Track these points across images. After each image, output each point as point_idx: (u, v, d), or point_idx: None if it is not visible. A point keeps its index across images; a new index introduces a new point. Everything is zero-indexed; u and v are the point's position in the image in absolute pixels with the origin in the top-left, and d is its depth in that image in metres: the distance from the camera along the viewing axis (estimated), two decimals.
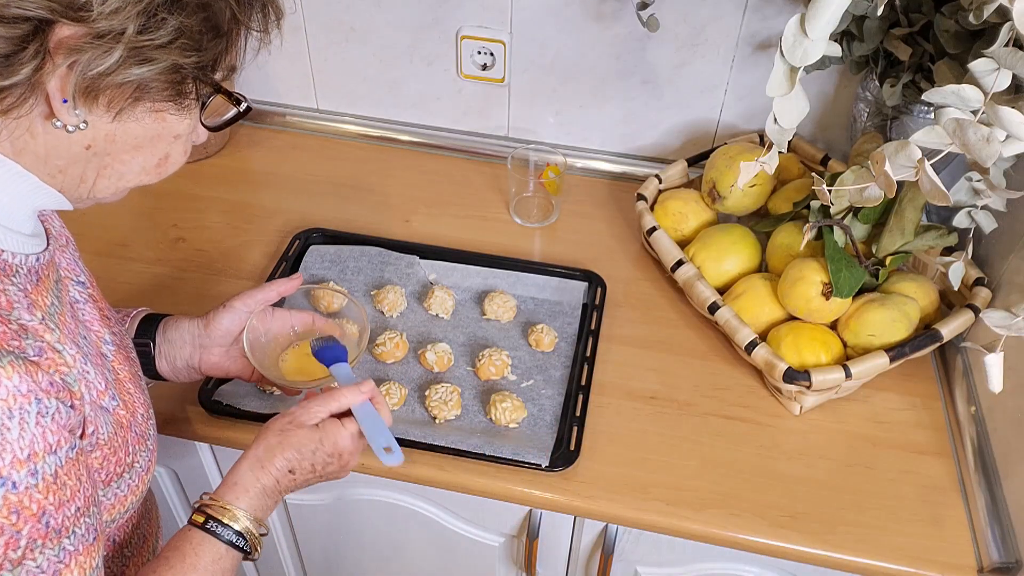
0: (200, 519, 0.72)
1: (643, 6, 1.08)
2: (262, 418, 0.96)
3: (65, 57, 0.53)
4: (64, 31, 0.53)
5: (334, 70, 1.36)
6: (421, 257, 1.16)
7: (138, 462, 0.69)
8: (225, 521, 0.72)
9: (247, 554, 0.73)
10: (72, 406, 0.58)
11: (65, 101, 0.55)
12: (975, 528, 0.90)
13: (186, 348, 0.88)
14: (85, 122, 0.57)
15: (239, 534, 0.72)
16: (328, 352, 0.87)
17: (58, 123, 0.57)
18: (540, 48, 1.26)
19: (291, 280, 0.92)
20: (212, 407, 0.97)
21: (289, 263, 1.15)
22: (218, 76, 0.62)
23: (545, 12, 1.22)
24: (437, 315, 1.11)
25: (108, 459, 0.65)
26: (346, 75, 1.37)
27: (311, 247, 1.17)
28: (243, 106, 0.66)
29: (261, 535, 0.74)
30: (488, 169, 1.37)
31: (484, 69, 1.29)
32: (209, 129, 0.66)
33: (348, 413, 0.79)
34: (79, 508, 0.58)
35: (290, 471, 0.75)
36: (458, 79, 1.32)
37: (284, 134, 1.43)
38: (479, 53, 1.28)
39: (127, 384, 0.71)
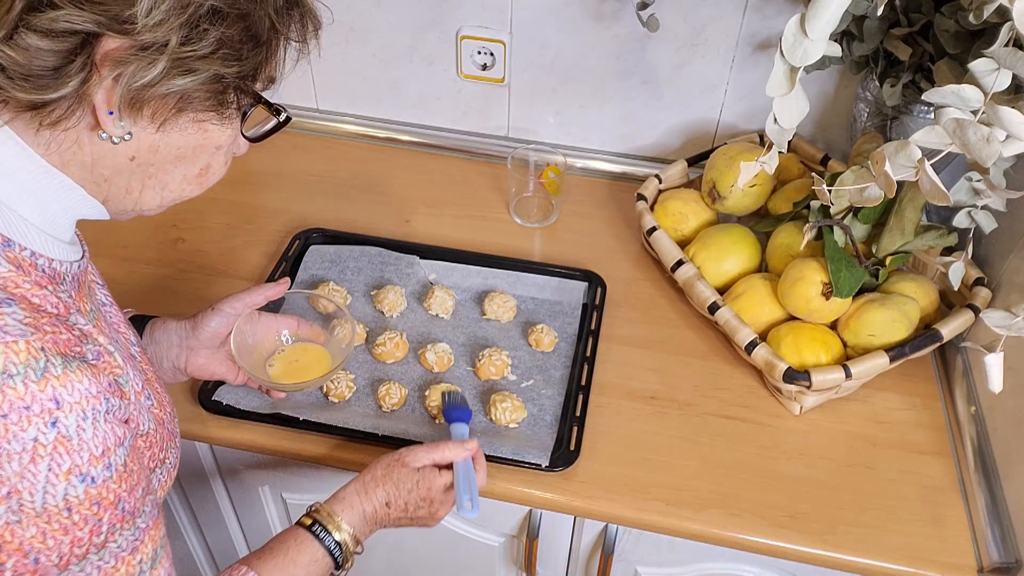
0: (308, 521, 0.79)
1: (643, 6, 1.08)
2: (262, 418, 0.96)
3: (111, 69, 0.54)
4: (110, 44, 0.54)
5: (334, 70, 1.36)
6: (421, 257, 1.16)
7: (169, 458, 0.71)
8: (329, 528, 0.79)
9: (338, 565, 0.79)
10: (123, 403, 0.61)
11: (111, 113, 0.56)
12: (975, 528, 0.90)
13: (172, 349, 0.89)
14: (130, 133, 0.59)
15: (337, 544, 0.79)
16: (455, 412, 0.94)
17: (104, 134, 0.58)
18: (540, 48, 1.26)
19: (279, 284, 0.94)
20: (212, 407, 0.97)
21: (289, 263, 1.15)
22: (258, 87, 0.64)
23: (545, 12, 1.22)
24: (437, 315, 1.11)
25: (144, 452, 0.67)
26: (346, 75, 1.37)
27: (311, 247, 1.17)
28: (283, 116, 0.67)
29: (356, 553, 0.81)
30: (488, 169, 1.37)
31: (484, 69, 1.29)
32: (250, 140, 0.68)
33: (450, 467, 0.85)
34: (143, 489, 0.62)
35: (386, 503, 0.82)
36: (458, 79, 1.32)
37: (284, 134, 1.41)
38: (479, 53, 1.28)
39: (155, 384, 0.73)
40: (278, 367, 0.95)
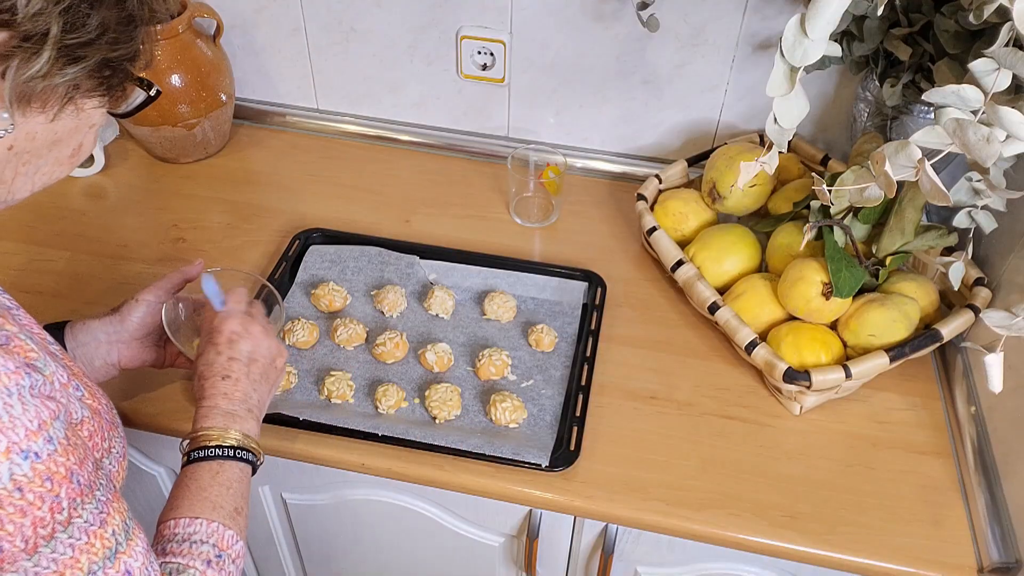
0: (185, 459, 0.76)
1: (643, 6, 1.08)
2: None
3: None
4: None
5: (334, 70, 1.36)
6: (421, 257, 1.16)
7: (115, 447, 0.70)
8: (207, 443, 0.75)
9: (249, 461, 0.77)
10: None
11: None
12: (975, 528, 0.90)
13: (102, 347, 0.89)
14: (12, 125, 0.58)
15: (225, 447, 0.76)
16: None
17: None
18: (540, 48, 1.26)
19: (193, 266, 0.94)
20: None
21: (289, 263, 1.15)
22: (139, 66, 0.64)
23: (545, 12, 1.22)
24: (437, 315, 1.11)
25: (93, 436, 0.66)
26: (346, 75, 1.37)
27: (311, 247, 1.17)
28: (154, 90, 0.67)
29: (254, 446, 0.78)
30: (488, 169, 1.37)
31: (484, 69, 1.29)
32: (120, 116, 0.67)
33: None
34: (94, 461, 0.61)
35: (223, 378, 0.79)
36: (458, 79, 1.32)
37: (284, 134, 1.43)
38: (479, 53, 1.28)
39: (82, 377, 0.71)
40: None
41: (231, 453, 0.76)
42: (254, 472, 0.79)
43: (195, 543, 0.69)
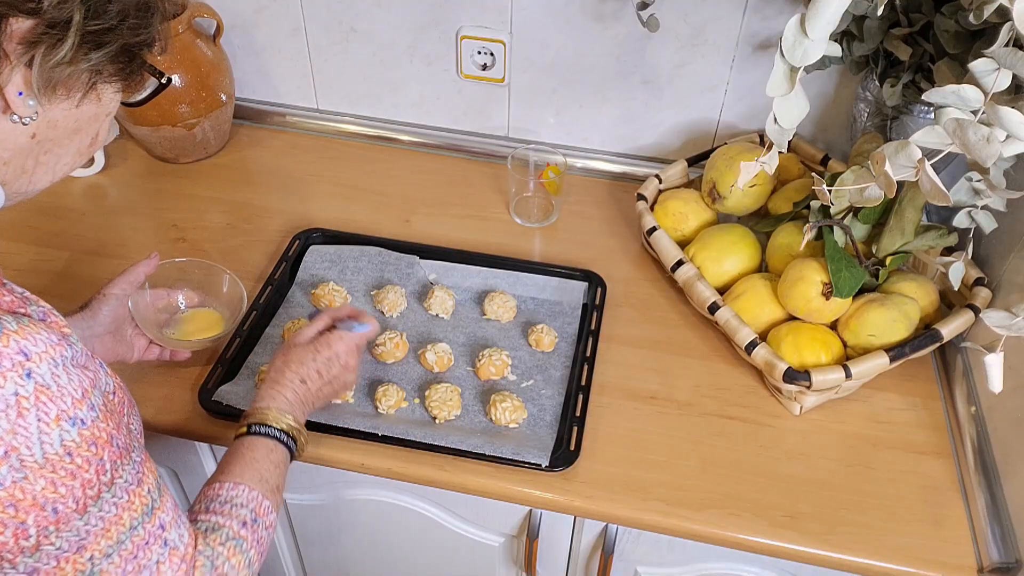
0: (244, 429, 0.82)
1: (643, 6, 1.08)
2: None
3: (24, 51, 0.56)
4: (17, 25, 0.55)
5: (334, 70, 1.36)
6: (421, 257, 1.16)
7: (133, 424, 0.72)
8: (267, 423, 0.83)
9: (292, 451, 0.84)
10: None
11: (20, 94, 0.57)
12: (975, 528, 0.90)
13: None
14: (36, 112, 0.59)
15: (282, 431, 0.83)
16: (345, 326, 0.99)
17: (14, 117, 0.58)
18: (540, 48, 1.26)
19: (150, 259, 0.98)
20: (212, 407, 0.97)
21: (289, 263, 1.15)
22: (156, 51, 0.66)
23: (545, 12, 1.22)
24: (437, 315, 1.11)
25: (120, 405, 0.68)
26: (346, 75, 1.37)
27: (311, 247, 1.17)
28: (165, 78, 0.69)
29: (304, 438, 0.86)
30: (488, 169, 1.37)
31: (484, 69, 1.29)
32: (131, 105, 0.69)
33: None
34: (125, 427, 0.65)
35: (302, 381, 0.87)
36: (458, 79, 1.32)
37: (284, 134, 1.43)
38: (479, 53, 1.28)
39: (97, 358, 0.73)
40: (179, 331, 1.02)
41: (284, 438, 0.83)
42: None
43: (236, 505, 0.75)
